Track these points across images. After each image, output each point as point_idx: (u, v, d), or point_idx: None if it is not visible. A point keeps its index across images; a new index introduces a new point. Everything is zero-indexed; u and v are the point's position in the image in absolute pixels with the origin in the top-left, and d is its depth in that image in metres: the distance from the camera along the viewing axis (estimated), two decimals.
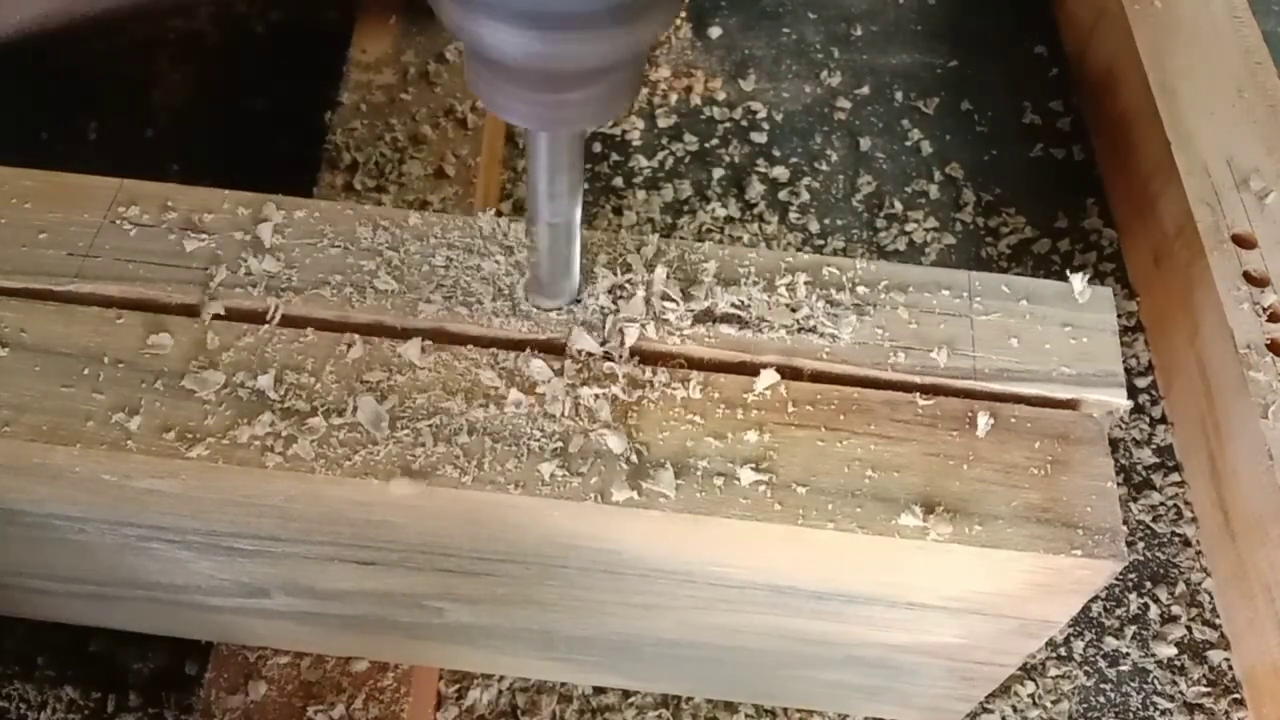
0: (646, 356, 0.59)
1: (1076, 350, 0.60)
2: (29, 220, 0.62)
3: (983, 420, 0.57)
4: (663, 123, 1.16)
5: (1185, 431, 0.96)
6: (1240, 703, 0.85)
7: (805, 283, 0.61)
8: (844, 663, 0.69)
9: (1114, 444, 0.96)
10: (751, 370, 0.59)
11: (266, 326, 0.59)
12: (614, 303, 0.60)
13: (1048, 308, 0.62)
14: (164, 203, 0.63)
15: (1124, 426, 0.98)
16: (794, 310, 0.60)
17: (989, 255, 1.08)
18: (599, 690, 0.83)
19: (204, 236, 0.62)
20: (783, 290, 0.61)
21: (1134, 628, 0.88)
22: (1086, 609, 0.89)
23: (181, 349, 0.58)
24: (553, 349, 0.59)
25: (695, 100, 1.18)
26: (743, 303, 0.61)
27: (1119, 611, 0.89)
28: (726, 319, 0.60)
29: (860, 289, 0.62)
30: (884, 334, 0.60)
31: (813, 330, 0.60)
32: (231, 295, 0.59)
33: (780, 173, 1.13)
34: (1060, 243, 1.09)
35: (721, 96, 1.19)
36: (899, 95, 1.21)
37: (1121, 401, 0.58)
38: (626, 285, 0.61)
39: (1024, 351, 0.60)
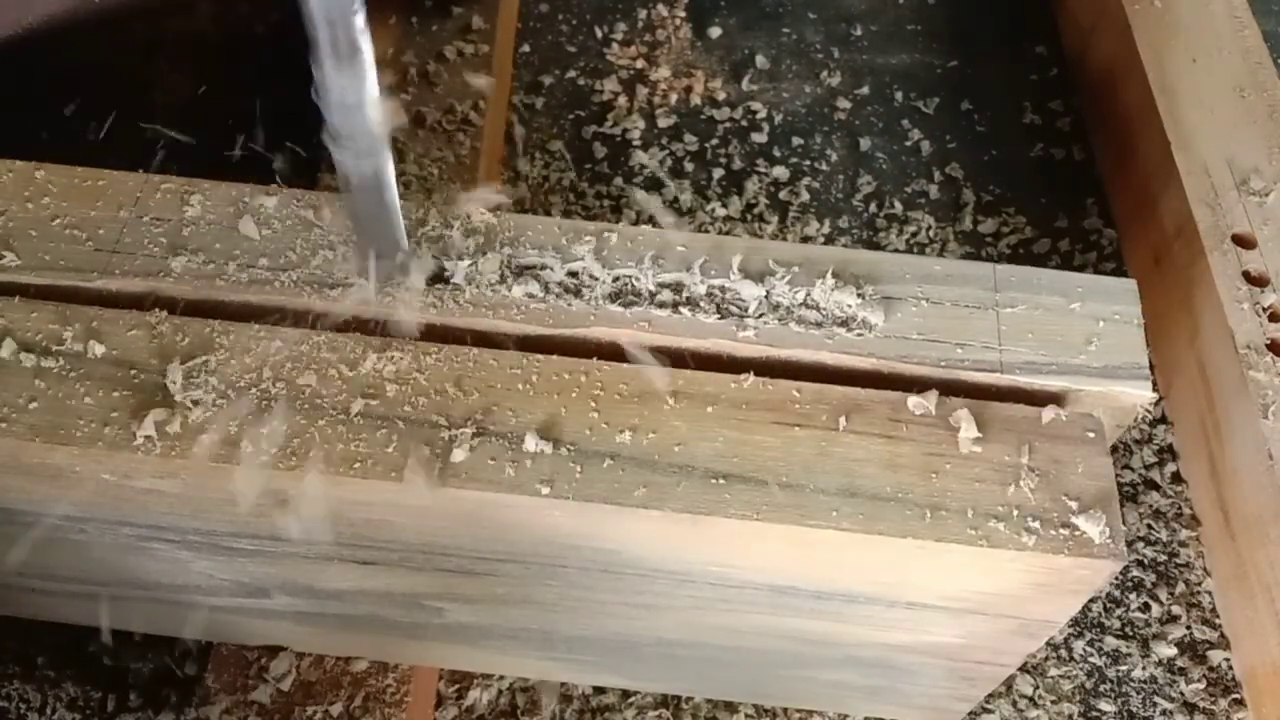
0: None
1: (1101, 342, 0.60)
2: (53, 217, 0.62)
3: (979, 420, 0.57)
4: (663, 123, 1.16)
5: (1185, 431, 0.96)
6: (1240, 703, 0.85)
7: (832, 275, 0.61)
8: (844, 663, 0.69)
9: (1114, 444, 0.96)
10: (756, 369, 0.59)
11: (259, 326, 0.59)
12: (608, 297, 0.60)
13: (1071, 301, 0.62)
14: (184, 198, 0.63)
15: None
16: (817, 305, 0.60)
17: (989, 255, 1.08)
18: (599, 690, 0.83)
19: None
20: (802, 284, 0.61)
21: (1134, 628, 0.88)
22: (1086, 609, 0.89)
23: (191, 348, 0.58)
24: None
25: (695, 100, 1.18)
26: (760, 296, 0.60)
27: (1119, 611, 0.89)
28: (752, 312, 0.60)
29: (884, 283, 0.62)
30: (907, 328, 0.60)
31: (841, 324, 0.60)
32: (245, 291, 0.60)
33: (780, 173, 1.13)
34: (1060, 243, 1.09)
35: (721, 96, 1.19)
36: (899, 95, 1.21)
37: (1147, 394, 0.58)
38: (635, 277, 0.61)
39: (1049, 345, 0.60)
